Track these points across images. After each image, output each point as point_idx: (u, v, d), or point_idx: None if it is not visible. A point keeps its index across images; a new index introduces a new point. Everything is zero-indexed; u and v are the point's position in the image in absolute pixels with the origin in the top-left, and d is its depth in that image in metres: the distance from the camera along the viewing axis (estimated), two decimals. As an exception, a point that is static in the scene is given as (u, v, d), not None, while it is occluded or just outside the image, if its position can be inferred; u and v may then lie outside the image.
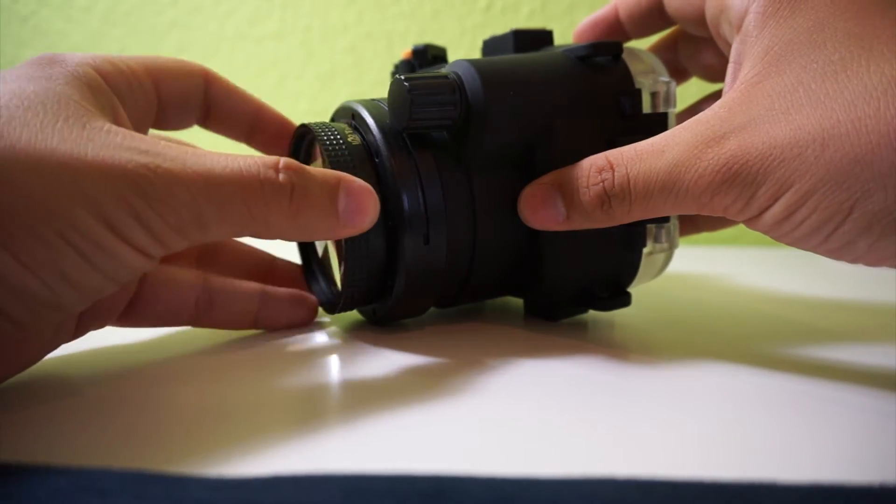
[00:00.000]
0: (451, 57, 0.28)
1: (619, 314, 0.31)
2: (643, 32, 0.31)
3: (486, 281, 0.28)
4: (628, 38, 0.31)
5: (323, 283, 0.29)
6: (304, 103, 0.66)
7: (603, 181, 0.23)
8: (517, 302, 0.32)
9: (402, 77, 0.24)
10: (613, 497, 0.15)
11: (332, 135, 0.25)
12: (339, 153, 0.25)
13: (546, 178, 0.25)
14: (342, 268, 0.25)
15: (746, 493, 0.15)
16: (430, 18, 0.64)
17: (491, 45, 0.30)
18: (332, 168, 0.24)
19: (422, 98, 0.24)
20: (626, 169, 0.22)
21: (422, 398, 0.20)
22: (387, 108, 0.25)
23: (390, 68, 0.34)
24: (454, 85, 0.24)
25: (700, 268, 0.45)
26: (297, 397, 0.21)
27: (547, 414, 0.20)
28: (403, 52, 0.33)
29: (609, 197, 0.23)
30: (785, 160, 0.19)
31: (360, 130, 0.26)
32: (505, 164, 0.26)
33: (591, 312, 0.30)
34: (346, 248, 0.24)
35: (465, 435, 0.18)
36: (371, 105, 0.26)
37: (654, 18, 0.29)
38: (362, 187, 0.22)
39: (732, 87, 0.23)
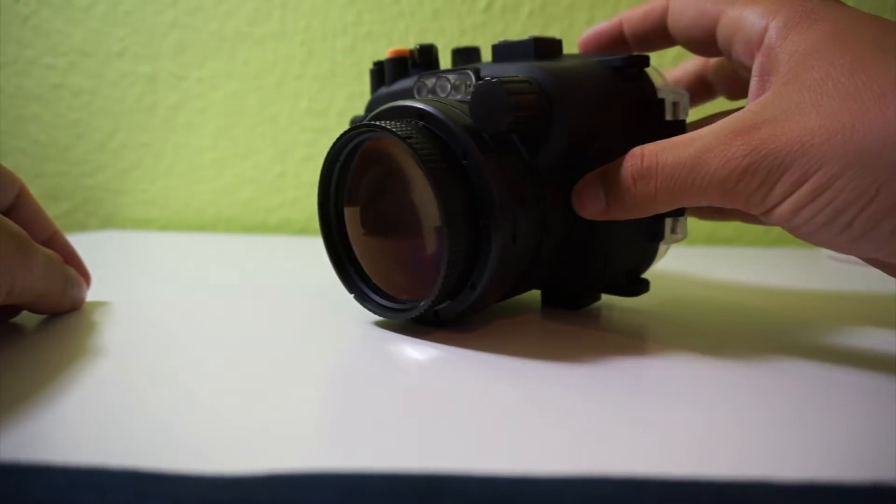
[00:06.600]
0: (447, 57, 0.28)
1: (607, 312, 0.31)
2: (645, 49, 0.32)
3: (538, 276, 0.29)
4: (630, 52, 0.32)
5: (377, 297, 0.28)
6: (304, 103, 0.66)
7: (632, 165, 0.25)
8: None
9: (497, 80, 0.24)
10: (610, 496, 0.15)
11: (420, 138, 0.25)
12: (432, 156, 0.25)
13: (593, 173, 0.27)
14: (441, 269, 0.24)
15: (741, 491, 0.15)
16: (430, 18, 0.64)
17: (505, 50, 0.30)
18: (427, 169, 0.24)
19: (517, 101, 0.25)
20: (657, 156, 0.24)
21: (417, 396, 0.21)
22: (454, 109, 0.26)
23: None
24: (540, 90, 0.26)
25: (689, 267, 0.45)
26: (293, 396, 0.21)
27: (542, 412, 0.20)
28: (389, 50, 0.33)
29: (635, 180, 0.24)
30: (814, 145, 0.20)
31: (437, 131, 0.25)
32: (565, 163, 0.27)
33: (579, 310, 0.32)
34: (448, 248, 0.24)
35: (462, 433, 0.18)
36: (442, 107, 0.26)
37: (657, 37, 0.31)
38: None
39: (759, 96, 0.23)
